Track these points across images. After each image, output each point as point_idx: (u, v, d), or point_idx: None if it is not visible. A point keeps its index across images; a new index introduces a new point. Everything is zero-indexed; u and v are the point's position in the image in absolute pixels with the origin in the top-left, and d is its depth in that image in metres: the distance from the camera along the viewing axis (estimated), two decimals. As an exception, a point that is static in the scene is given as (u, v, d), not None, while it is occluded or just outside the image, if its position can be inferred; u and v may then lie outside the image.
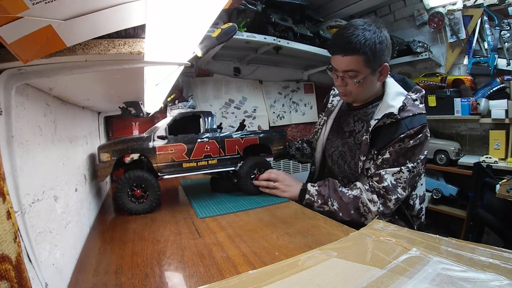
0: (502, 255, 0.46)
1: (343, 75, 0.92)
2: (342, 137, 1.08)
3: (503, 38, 1.92)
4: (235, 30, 0.60)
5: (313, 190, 0.97)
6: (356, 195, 0.91)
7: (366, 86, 0.93)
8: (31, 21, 0.28)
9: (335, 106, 1.17)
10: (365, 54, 0.84)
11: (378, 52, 0.85)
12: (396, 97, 0.94)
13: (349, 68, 0.89)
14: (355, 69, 0.88)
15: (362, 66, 0.87)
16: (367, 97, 1.00)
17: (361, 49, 0.83)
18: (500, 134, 1.87)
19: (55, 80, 0.54)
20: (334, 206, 0.92)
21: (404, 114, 0.89)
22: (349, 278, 0.43)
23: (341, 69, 0.91)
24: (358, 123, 1.04)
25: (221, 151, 1.11)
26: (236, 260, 0.65)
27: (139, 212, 0.97)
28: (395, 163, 0.89)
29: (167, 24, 0.39)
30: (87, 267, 0.65)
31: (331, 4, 2.27)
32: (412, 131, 0.88)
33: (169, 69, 0.64)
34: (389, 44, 0.89)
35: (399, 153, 0.89)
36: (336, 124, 1.14)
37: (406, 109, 0.90)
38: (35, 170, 0.51)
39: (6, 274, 0.33)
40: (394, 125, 0.90)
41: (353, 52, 0.85)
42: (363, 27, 0.85)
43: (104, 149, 0.98)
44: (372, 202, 0.89)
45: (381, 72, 0.92)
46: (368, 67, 0.88)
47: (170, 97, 1.80)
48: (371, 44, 0.84)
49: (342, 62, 0.89)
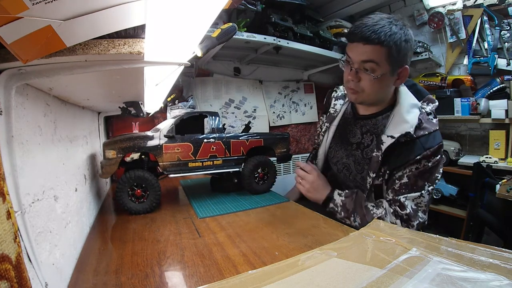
0: (502, 255, 0.46)
1: (358, 67, 0.81)
2: (346, 148, 1.00)
3: (503, 38, 1.92)
4: (235, 30, 0.60)
5: (339, 200, 0.93)
6: (380, 216, 0.86)
7: (381, 86, 0.84)
8: (31, 21, 0.28)
9: (338, 112, 1.06)
10: (390, 48, 0.75)
11: (403, 49, 0.77)
12: (411, 109, 0.85)
13: (369, 58, 0.78)
14: (376, 60, 0.78)
15: (383, 60, 0.77)
16: (378, 100, 0.90)
17: (385, 41, 0.75)
18: (500, 134, 1.87)
19: (55, 80, 0.54)
20: (356, 222, 0.88)
21: (420, 133, 0.83)
22: (349, 278, 0.43)
23: (359, 59, 0.80)
24: (367, 136, 0.94)
25: (227, 151, 1.11)
26: (236, 260, 0.65)
27: (139, 212, 0.97)
28: (414, 187, 0.84)
29: (167, 24, 0.39)
30: (87, 267, 0.65)
31: (331, 4, 2.27)
32: (429, 151, 0.82)
33: (169, 69, 0.64)
34: (413, 47, 0.82)
35: (417, 176, 0.84)
36: (340, 132, 1.04)
37: (422, 127, 0.84)
38: (35, 170, 0.51)
39: (6, 274, 0.33)
40: (409, 144, 0.83)
41: (377, 42, 0.75)
42: (389, 20, 0.77)
43: (110, 146, 0.98)
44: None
45: (400, 75, 0.83)
46: (389, 63, 0.78)
47: (170, 97, 1.80)
48: (397, 39, 0.75)
49: (362, 51, 0.78)
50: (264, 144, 1.19)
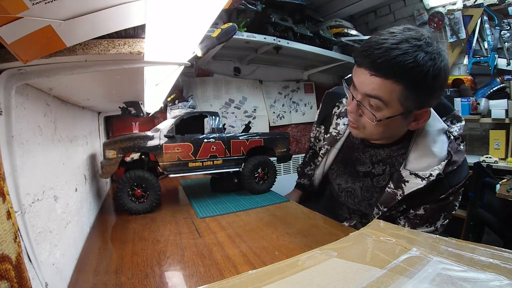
0: (502, 255, 0.45)
1: (362, 100, 0.63)
2: (352, 174, 0.85)
3: (503, 38, 1.92)
4: (235, 30, 0.60)
5: None
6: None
7: (389, 128, 0.66)
8: (31, 21, 0.28)
9: (341, 135, 0.87)
10: (406, 85, 0.56)
11: (428, 88, 0.57)
12: (438, 138, 0.68)
13: (376, 94, 0.59)
14: (384, 99, 0.59)
15: (395, 100, 0.58)
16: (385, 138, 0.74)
17: (403, 76, 0.55)
18: (500, 134, 1.87)
19: (55, 80, 0.54)
20: None
21: (448, 169, 0.66)
22: (349, 278, 0.43)
23: (363, 90, 0.62)
24: (378, 166, 0.78)
25: (227, 151, 1.11)
26: (236, 260, 0.65)
27: (139, 212, 0.97)
28: (429, 219, 0.71)
29: (167, 24, 0.39)
30: (87, 267, 0.65)
31: (331, 4, 2.27)
32: (455, 188, 0.66)
33: (169, 69, 0.64)
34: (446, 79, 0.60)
35: (436, 210, 0.70)
36: (344, 157, 0.88)
37: (451, 161, 0.66)
38: (35, 170, 0.51)
39: (6, 274, 0.33)
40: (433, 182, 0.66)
41: (390, 76, 0.56)
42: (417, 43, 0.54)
43: (110, 146, 0.98)
44: None
45: (417, 118, 0.64)
46: (403, 105, 0.59)
47: (170, 97, 1.80)
48: (422, 74, 0.54)
49: (368, 83, 0.59)
50: (264, 144, 1.19)
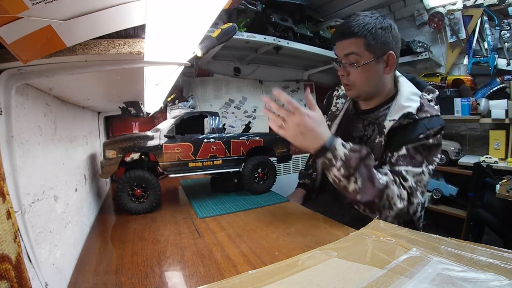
0: (502, 255, 0.46)
1: (345, 61, 0.86)
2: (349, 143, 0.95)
3: (503, 38, 1.92)
4: (235, 30, 0.60)
5: (341, 152, 0.75)
6: (387, 184, 0.75)
7: (370, 74, 0.85)
8: (31, 21, 0.28)
9: (340, 110, 1.06)
10: (365, 37, 0.81)
11: (380, 37, 0.81)
12: (411, 97, 0.85)
13: (349, 51, 0.83)
14: (356, 52, 0.83)
15: (363, 50, 0.82)
16: (373, 91, 0.91)
17: (359, 32, 0.80)
18: (500, 134, 1.87)
19: (55, 80, 0.54)
20: (356, 185, 0.74)
21: (422, 115, 0.82)
22: (349, 278, 0.43)
23: (341, 54, 0.86)
24: (369, 128, 0.93)
25: (227, 151, 1.11)
26: (236, 260, 0.65)
27: (139, 212, 0.97)
28: (412, 161, 0.80)
29: (167, 24, 0.39)
30: (87, 267, 0.65)
31: (331, 4, 2.27)
32: (431, 131, 0.81)
33: (169, 69, 0.64)
34: (395, 34, 0.84)
35: (417, 150, 0.81)
36: (342, 129, 1.02)
37: (424, 110, 0.83)
38: (35, 170, 0.51)
39: (6, 274, 0.33)
40: (411, 126, 0.82)
41: (352, 35, 0.82)
42: (365, 14, 0.83)
43: (110, 146, 0.98)
44: (400, 198, 0.77)
45: (387, 63, 0.85)
46: (370, 51, 0.82)
47: (170, 97, 1.80)
48: (371, 28, 0.80)
49: (342, 47, 0.85)
50: (264, 144, 1.19)
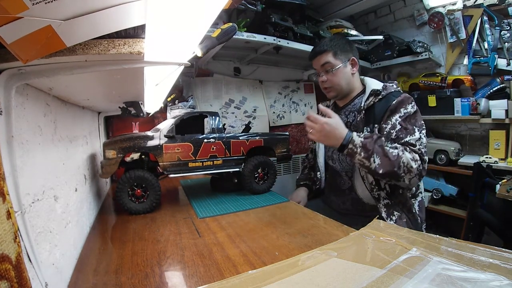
0: (502, 255, 0.46)
1: (322, 70, 1.14)
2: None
3: (503, 38, 1.92)
4: (235, 30, 0.60)
5: (358, 141, 0.95)
6: (399, 154, 0.93)
7: (342, 75, 1.12)
8: (31, 21, 0.28)
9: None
10: (333, 50, 1.11)
11: (342, 48, 1.11)
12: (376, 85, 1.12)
13: (324, 61, 1.12)
14: (328, 61, 1.11)
15: (333, 59, 1.11)
16: (348, 88, 1.15)
17: (328, 47, 1.11)
18: (500, 134, 1.87)
19: (55, 80, 0.54)
20: (376, 162, 0.94)
21: (387, 91, 1.08)
22: (349, 278, 0.43)
23: (319, 66, 1.14)
24: (350, 116, 1.16)
25: (227, 151, 1.11)
26: (236, 260, 0.65)
27: (139, 212, 0.97)
28: (408, 131, 0.99)
29: (167, 24, 0.39)
30: (87, 267, 0.65)
31: (331, 4, 2.26)
32: (400, 98, 1.03)
33: (169, 69, 0.64)
34: (352, 45, 1.17)
35: (406, 120, 1.01)
36: None
37: (387, 88, 1.09)
38: (35, 170, 0.51)
39: (6, 273, 0.33)
40: (383, 100, 1.07)
41: (324, 51, 1.11)
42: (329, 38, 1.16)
43: (110, 146, 0.98)
44: (414, 160, 0.94)
45: (352, 65, 1.13)
46: (338, 59, 1.11)
47: (170, 97, 1.80)
48: (335, 43, 1.12)
49: (318, 61, 1.13)
50: (264, 144, 1.19)
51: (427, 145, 2.01)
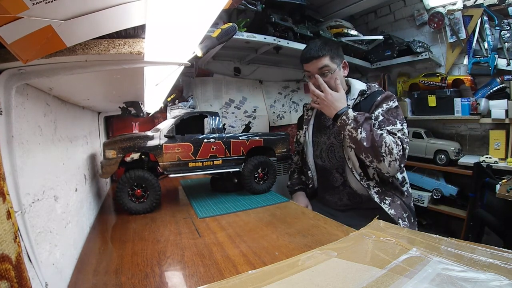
0: (502, 255, 0.46)
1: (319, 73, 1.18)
2: (325, 132, 1.25)
3: (503, 38, 1.92)
4: (235, 30, 0.60)
5: (351, 114, 1.06)
6: (383, 134, 1.02)
7: (339, 77, 1.18)
8: (31, 21, 0.28)
9: (311, 116, 1.34)
10: (329, 54, 1.16)
11: (336, 52, 1.18)
12: (360, 85, 1.22)
13: (321, 65, 1.16)
14: (327, 65, 1.16)
15: (330, 63, 1.16)
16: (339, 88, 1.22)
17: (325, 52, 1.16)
18: (500, 134, 1.86)
19: (55, 80, 0.54)
20: (362, 134, 1.03)
21: (371, 91, 1.19)
22: (349, 278, 0.43)
23: (315, 69, 1.17)
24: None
25: (227, 151, 1.11)
26: (236, 260, 0.65)
27: (139, 212, 0.97)
28: (390, 121, 1.08)
29: (167, 24, 0.39)
30: (87, 267, 0.65)
31: (331, 4, 2.26)
32: (384, 94, 1.14)
33: (169, 69, 0.64)
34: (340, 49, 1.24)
35: (389, 113, 1.11)
36: (317, 125, 1.29)
37: (370, 87, 1.21)
38: (35, 170, 0.51)
39: (6, 273, 0.33)
40: (368, 98, 1.17)
41: (322, 55, 1.15)
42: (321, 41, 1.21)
43: (110, 146, 0.98)
44: (395, 144, 1.02)
45: (344, 67, 1.22)
46: (334, 63, 1.17)
47: (170, 97, 1.80)
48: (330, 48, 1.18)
49: (316, 64, 1.16)
50: (264, 144, 1.20)
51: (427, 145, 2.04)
